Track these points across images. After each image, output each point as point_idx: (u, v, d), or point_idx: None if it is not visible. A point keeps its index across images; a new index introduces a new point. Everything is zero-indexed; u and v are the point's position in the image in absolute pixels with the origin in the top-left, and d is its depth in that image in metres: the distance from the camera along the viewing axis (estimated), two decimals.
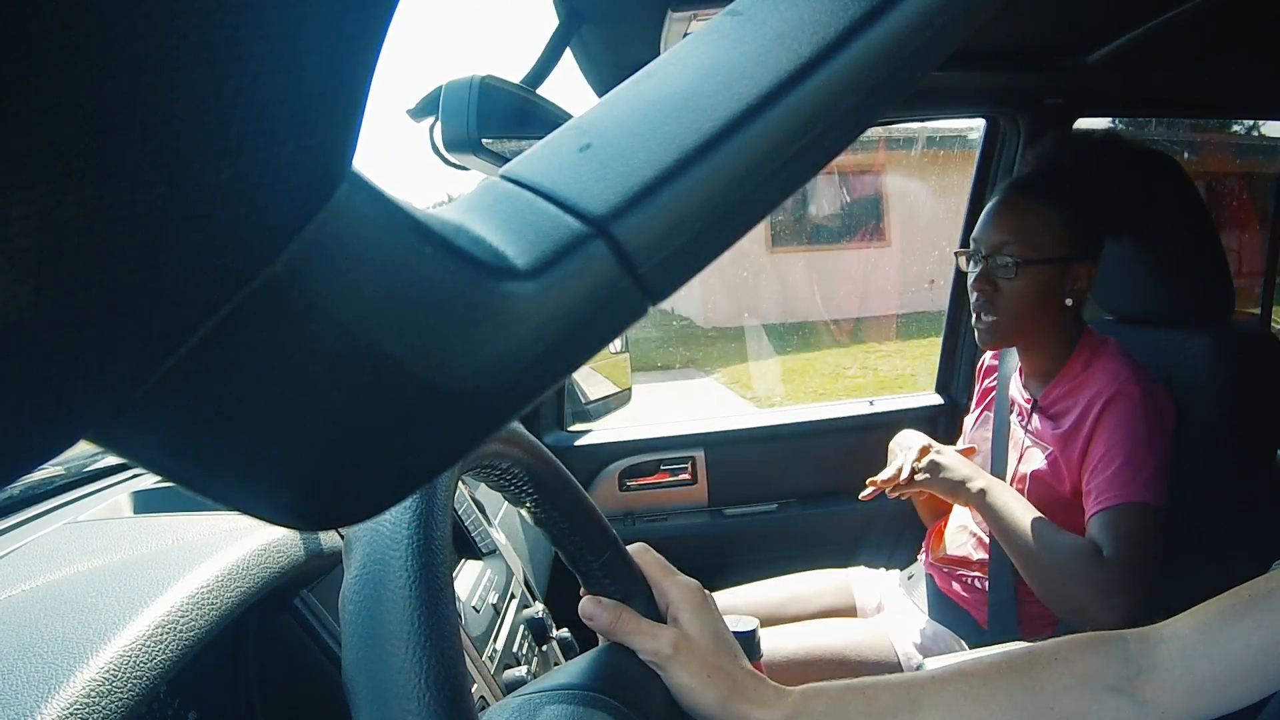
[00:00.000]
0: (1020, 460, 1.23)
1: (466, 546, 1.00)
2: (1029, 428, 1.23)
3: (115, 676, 0.42)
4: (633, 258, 0.17)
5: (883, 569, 1.51)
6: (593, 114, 0.19)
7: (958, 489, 1.16)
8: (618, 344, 1.75)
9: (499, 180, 0.18)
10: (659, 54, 0.20)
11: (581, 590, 0.53)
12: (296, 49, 0.11)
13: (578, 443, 1.70)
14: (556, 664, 0.98)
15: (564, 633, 1.00)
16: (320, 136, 0.13)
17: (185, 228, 0.12)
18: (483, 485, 1.04)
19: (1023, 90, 1.56)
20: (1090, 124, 1.70)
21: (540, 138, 0.18)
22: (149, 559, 0.57)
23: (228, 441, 0.14)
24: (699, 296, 9.38)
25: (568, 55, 1.08)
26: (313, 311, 0.14)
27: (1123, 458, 1.06)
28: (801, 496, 1.75)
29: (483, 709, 0.45)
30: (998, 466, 1.28)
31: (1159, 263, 1.27)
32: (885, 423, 1.64)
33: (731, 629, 0.55)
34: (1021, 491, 1.18)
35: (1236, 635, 0.51)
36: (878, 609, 1.41)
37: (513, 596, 0.99)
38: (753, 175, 0.18)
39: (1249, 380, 1.19)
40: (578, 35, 1.07)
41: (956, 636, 1.25)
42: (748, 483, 1.74)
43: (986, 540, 1.24)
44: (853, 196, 8.52)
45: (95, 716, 0.40)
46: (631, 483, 1.70)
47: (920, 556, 1.41)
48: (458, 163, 0.80)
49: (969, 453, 1.26)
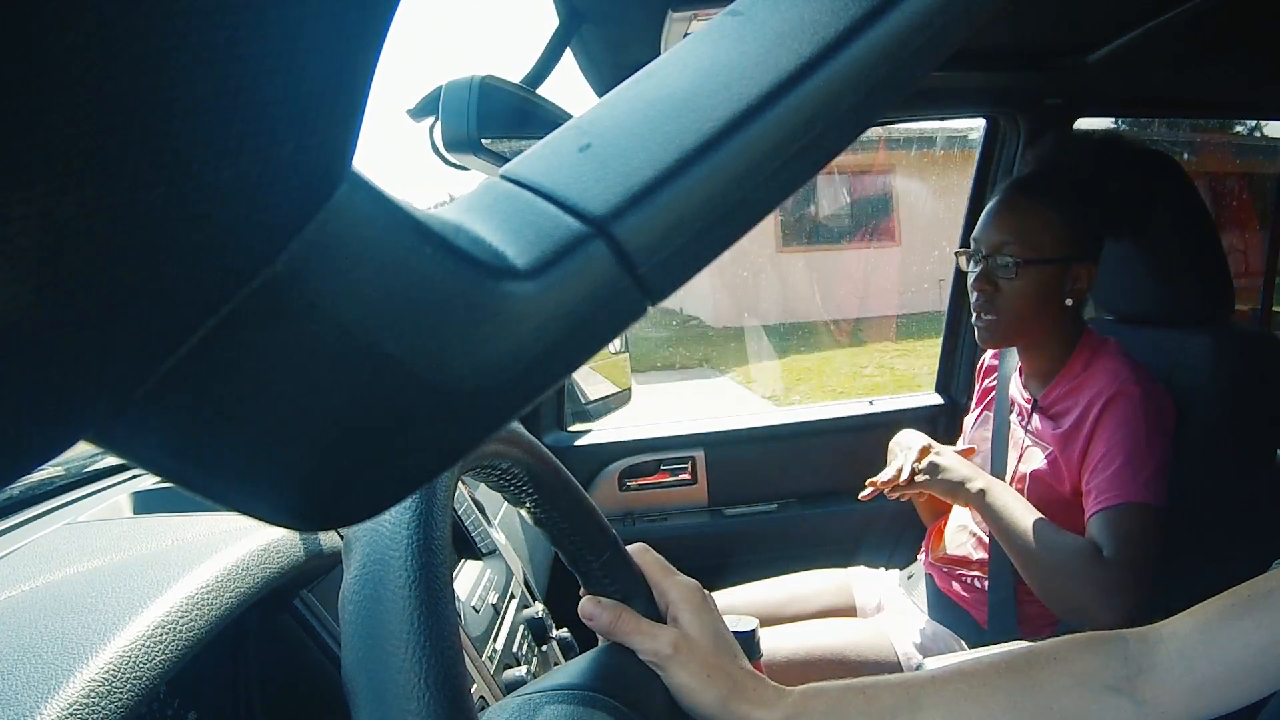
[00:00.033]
0: (1020, 460, 1.23)
1: (466, 546, 1.00)
2: (1029, 427, 1.23)
3: (115, 677, 0.42)
4: (633, 258, 0.17)
5: (883, 569, 1.51)
6: (593, 114, 0.19)
7: (957, 490, 1.16)
8: (617, 344, 1.75)
9: (499, 180, 0.18)
10: (659, 54, 0.20)
11: (581, 590, 0.53)
12: (296, 49, 0.11)
13: (578, 443, 1.70)
14: (556, 664, 0.98)
15: (564, 633, 1.00)
16: (320, 136, 0.13)
17: (185, 228, 0.12)
18: (483, 485, 1.04)
19: (1023, 90, 1.56)
20: (1090, 124, 1.70)
21: (540, 138, 0.18)
22: (149, 559, 0.57)
23: (228, 442, 0.14)
24: (709, 296, 9.36)
25: (568, 55, 1.08)
26: (312, 311, 0.14)
27: (1123, 458, 1.06)
28: (801, 496, 1.75)
29: (483, 709, 0.45)
30: (997, 466, 1.28)
31: (1159, 263, 1.27)
32: (885, 423, 1.64)
33: (731, 629, 0.55)
34: (1021, 491, 1.18)
35: (1236, 635, 0.51)
36: (878, 609, 1.41)
37: (513, 596, 0.99)
38: (753, 175, 0.18)
39: (1249, 380, 1.19)
40: (578, 35, 1.07)
41: (956, 636, 1.25)
42: (748, 483, 1.73)
43: (986, 540, 1.24)
44: (862, 197, 8.52)
45: (95, 717, 0.40)
46: (631, 483, 1.70)
47: (920, 556, 1.41)
48: (458, 163, 0.80)
49: (968, 453, 1.26)
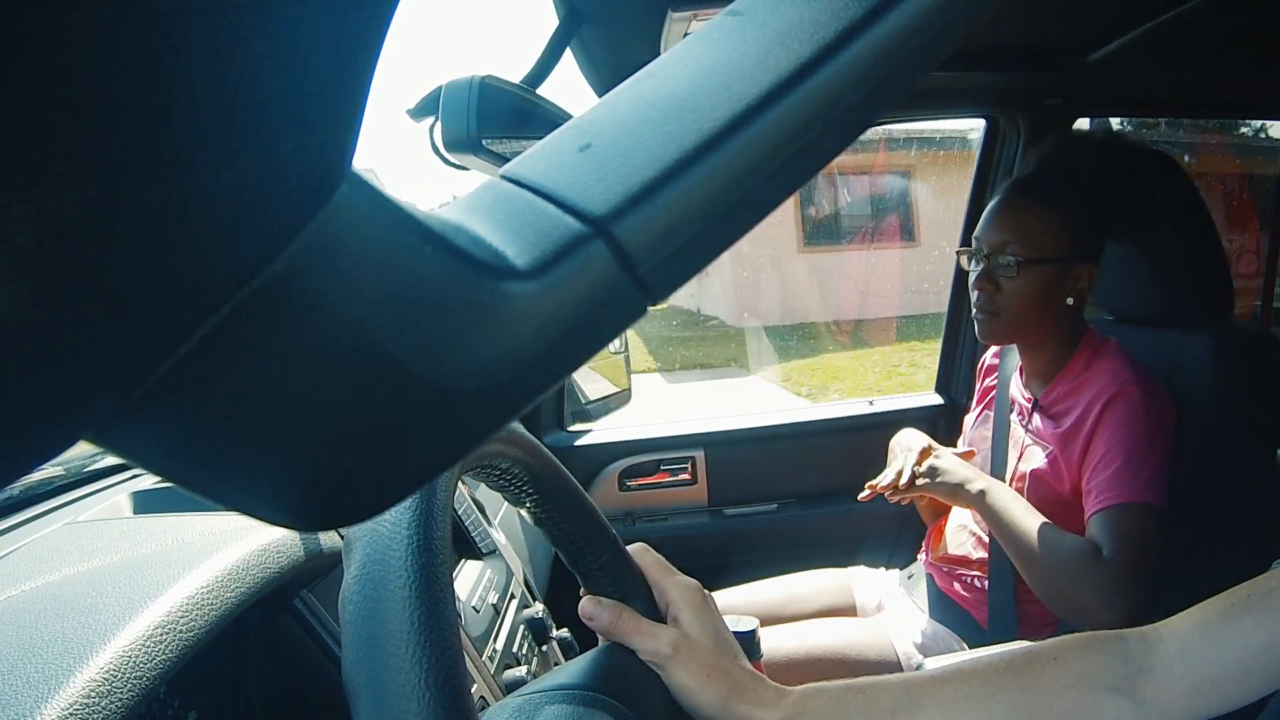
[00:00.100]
0: (1020, 459, 1.23)
1: (466, 546, 1.00)
2: (1029, 427, 1.23)
3: (115, 677, 0.42)
4: (633, 258, 0.17)
5: (883, 568, 1.51)
6: (593, 114, 0.19)
7: (957, 491, 1.16)
8: (617, 344, 1.75)
9: (499, 180, 0.18)
10: (659, 54, 0.20)
11: (581, 590, 0.53)
12: (296, 49, 0.11)
13: (578, 443, 1.70)
14: (556, 664, 0.98)
15: (564, 633, 1.00)
16: (320, 136, 0.13)
17: (185, 228, 0.12)
18: (483, 485, 1.04)
19: (1023, 90, 1.56)
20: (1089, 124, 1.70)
21: (540, 138, 0.18)
22: (149, 559, 0.57)
23: (228, 442, 0.14)
24: (730, 296, 9.33)
25: (568, 55, 1.08)
26: (312, 311, 0.14)
27: (1123, 457, 1.06)
28: (801, 496, 1.75)
29: (483, 709, 0.45)
30: (998, 465, 1.28)
31: (1159, 263, 1.27)
32: (885, 423, 1.64)
33: (731, 629, 0.55)
34: (1021, 490, 1.18)
35: (1236, 635, 0.51)
36: (878, 608, 1.41)
37: (513, 596, 0.99)
38: (753, 175, 0.18)
39: (1249, 381, 1.19)
40: (578, 35, 1.07)
41: (956, 636, 1.25)
42: (748, 483, 1.74)
43: (986, 540, 1.24)
44: (884, 196, 8.51)
45: (95, 717, 0.40)
46: (631, 483, 1.70)
47: (920, 556, 1.41)
48: (458, 163, 0.80)
49: (968, 455, 1.26)
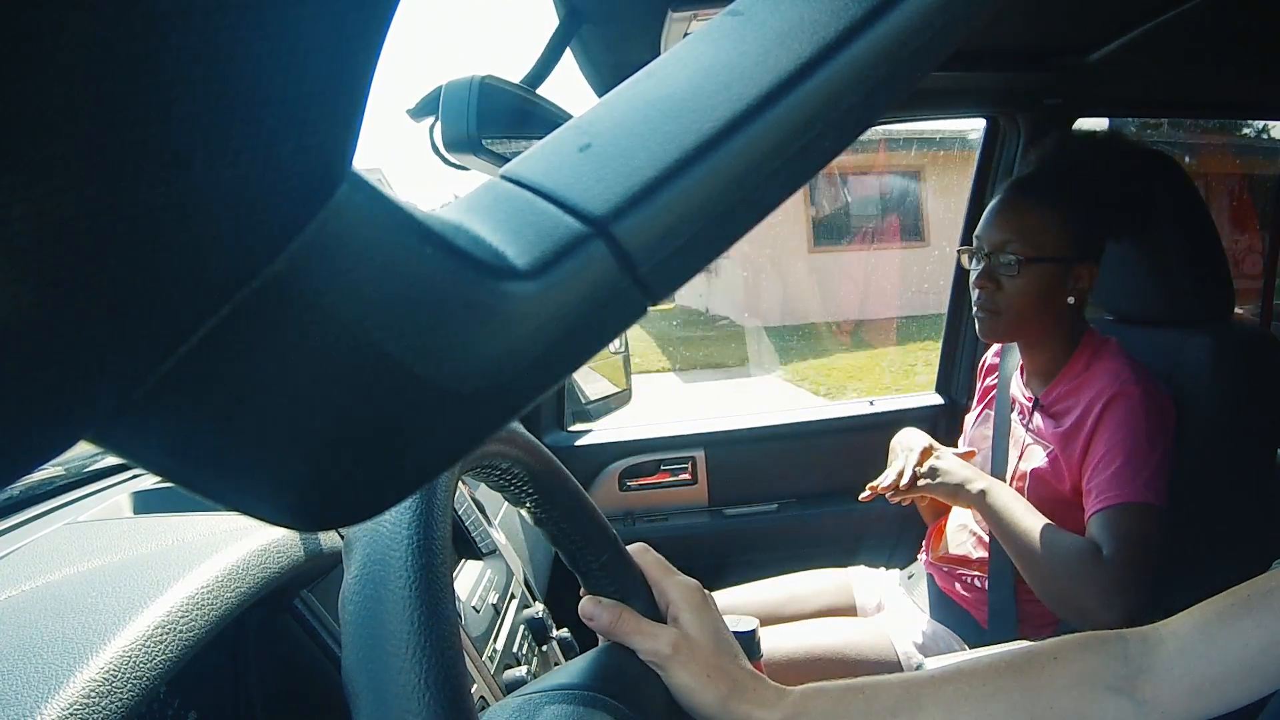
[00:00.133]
0: (1021, 458, 1.23)
1: (466, 546, 1.00)
2: (1030, 426, 1.23)
3: (115, 677, 0.42)
4: (633, 258, 0.17)
5: (883, 568, 1.51)
6: (593, 114, 0.19)
7: (957, 491, 1.16)
8: (617, 343, 1.75)
9: (499, 180, 0.18)
10: (659, 54, 0.20)
11: (581, 590, 0.53)
12: (296, 49, 0.11)
13: (578, 443, 1.70)
14: (556, 664, 0.98)
15: (564, 633, 1.00)
16: (320, 136, 0.13)
17: (185, 228, 0.12)
18: (483, 485, 1.04)
19: (1023, 90, 1.56)
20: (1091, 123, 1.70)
21: (540, 138, 0.18)
22: (149, 559, 0.57)
23: (228, 442, 0.14)
24: (742, 296, 9.31)
25: (568, 55, 1.08)
26: (313, 312, 0.14)
27: (1123, 457, 1.06)
28: (801, 496, 1.75)
29: (483, 709, 0.45)
30: (998, 464, 1.28)
31: (1159, 263, 1.27)
32: (885, 423, 1.64)
33: (731, 629, 0.55)
34: (1021, 490, 1.18)
35: (1236, 635, 0.51)
36: (878, 608, 1.41)
37: (513, 596, 0.99)
38: (753, 175, 0.18)
39: (1249, 380, 1.19)
40: (578, 35, 1.07)
41: (956, 636, 1.25)
42: (748, 483, 1.74)
43: (986, 539, 1.24)
44: (891, 197, 8.51)
45: (95, 717, 0.40)
46: (631, 483, 1.70)
47: (920, 556, 1.41)
48: (458, 163, 0.80)
49: (969, 455, 1.26)
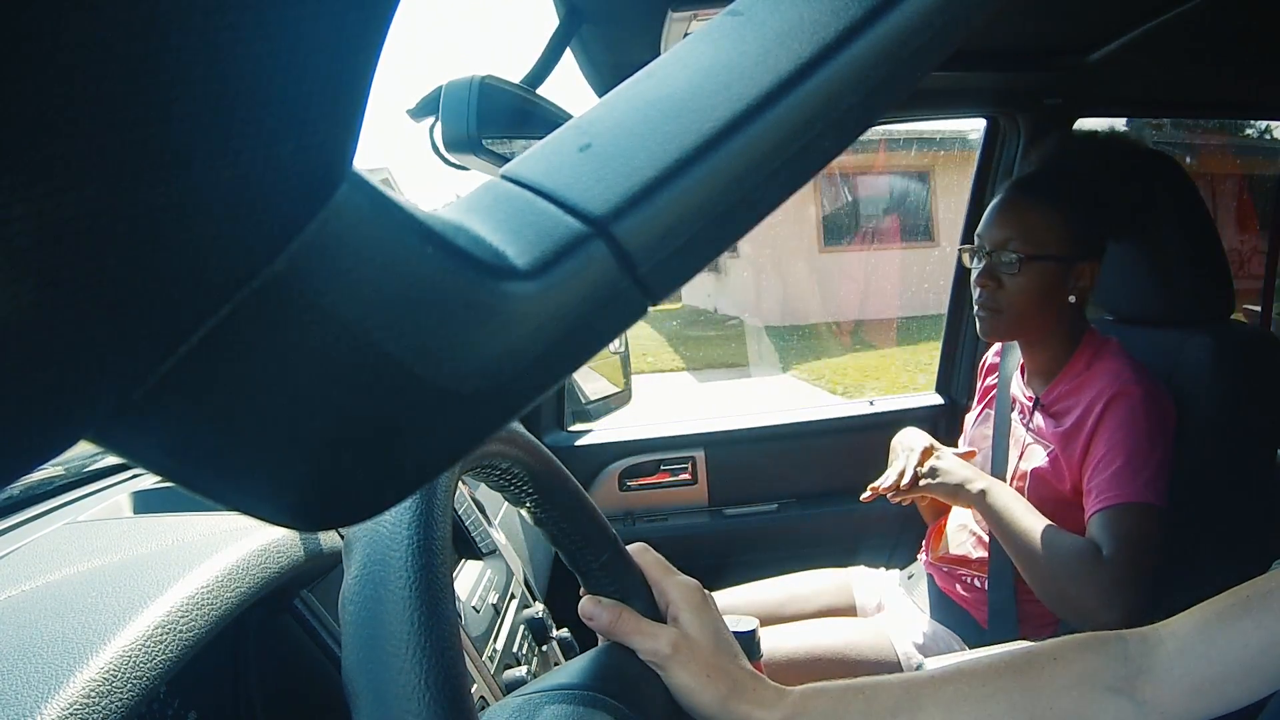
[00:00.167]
0: (1021, 458, 1.23)
1: (466, 546, 1.00)
2: (1030, 425, 1.23)
3: (115, 677, 0.42)
4: (633, 258, 0.17)
5: (883, 569, 1.51)
6: (593, 114, 0.19)
7: (958, 491, 1.16)
8: (617, 343, 1.75)
9: (499, 180, 0.18)
10: (659, 54, 0.20)
11: (581, 590, 0.53)
12: (297, 49, 0.11)
13: (578, 443, 1.70)
14: (556, 664, 0.98)
15: (564, 633, 1.00)
16: (320, 136, 0.13)
17: (185, 228, 0.12)
18: (483, 485, 1.04)
19: (1023, 90, 1.56)
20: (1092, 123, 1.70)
21: (540, 138, 0.18)
22: (149, 559, 0.57)
23: (228, 441, 0.14)
24: (752, 296, 9.30)
25: (568, 55, 1.08)
26: (313, 312, 0.14)
27: (1124, 457, 1.06)
28: (801, 496, 1.75)
29: (483, 709, 0.45)
30: (998, 464, 1.28)
31: (1159, 263, 1.27)
32: (885, 423, 1.64)
33: (731, 629, 0.55)
34: (1022, 489, 1.18)
35: (1235, 636, 0.51)
36: (878, 609, 1.41)
37: (513, 596, 0.99)
38: (753, 175, 0.18)
39: (1250, 380, 1.19)
40: (578, 35, 1.07)
41: (956, 636, 1.25)
42: (748, 483, 1.73)
43: (986, 539, 1.24)
44: (900, 197, 8.50)
45: (95, 716, 0.40)
46: (631, 483, 1.70)
47: (920, 556, 1.41)
48: (458, 163, 0.80)
49: (969, 455, 1.26)
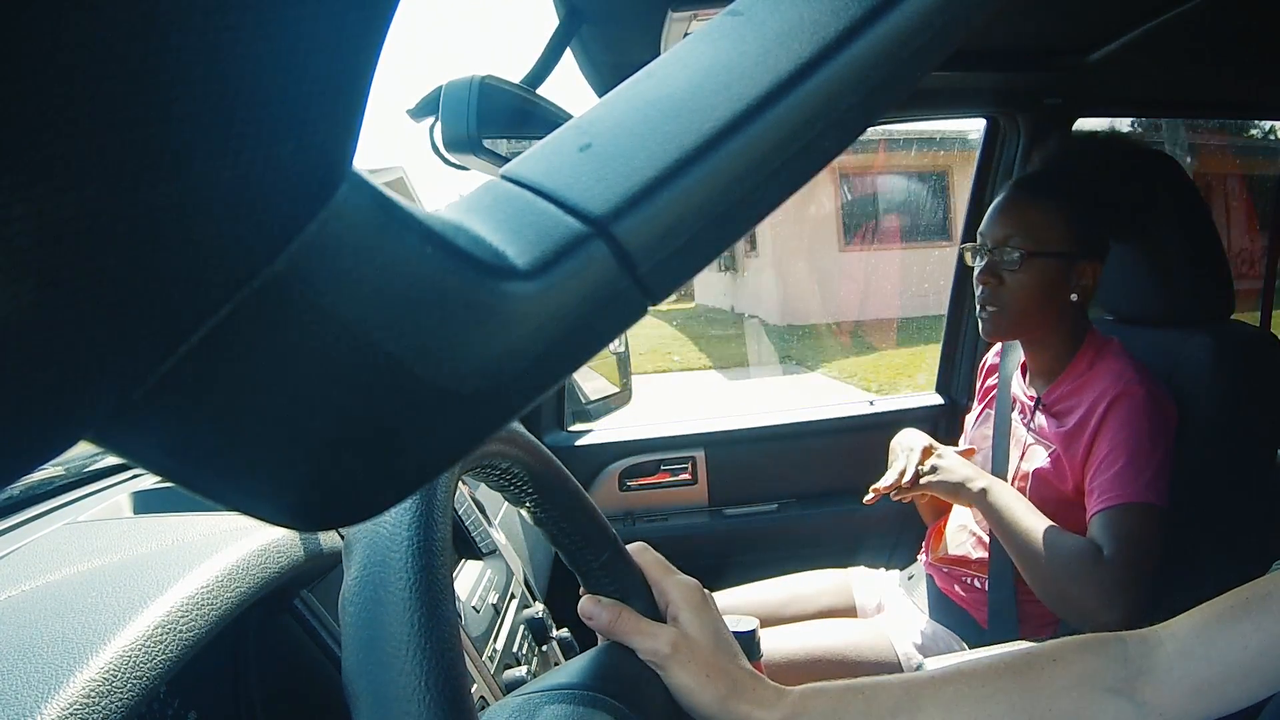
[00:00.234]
0: (1023, 458, 1.23)
1: (466, 546, 1.00)
2: (1032, 425, 1.23)
3: (115, 677, 0.42)
4: (633, 258, 0.17)
5: (883, 569, 1.51)
6: (593, 114, 0.19)
7: (959, 490, 1.16)
8: (618, 343, 1.75)
9: (499, 180, 0.18)
10: (659, 54, 0.20)
11: (581, 590, 0.53)
12: (297, 49, 0.11)
13: (578, 443, 1.70)
14: (556, 664, 0.98)
15: (564, 633, 1.00)
16: (321, 136, 0.13)
17: (186, 228, 0.12)
18: (483, 485, 1.04)
19: (1023, 90, 1.56)
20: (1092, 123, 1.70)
21: (540, 138, 0.18)
22: (149, 559, 0.57)
23: (228, 442, 0.14)
24: (772, 295, 9.29)
25: (568, 55, 1.08)
26: (313, 312, 0.14)
27: (1126, 458, 1.06)
28: (801, 496, 1.75)
29: (483, 709, 0.45)
30: (999, 464, 1.28)
31: (1160, 263, 1.27)
32: (885, 423, 1.64)
33: (731, 629, 0.55)
34: (1023, 490, 1.18)
35: (1235, 637, 0.51)
36: (878, 609, 1.41)
37: (513, 596, 0.99)
38: (753, 175, 0.18)
39: (1250, 380, 1.19)
40: (578, 35, 1.07)
41: (956, 636, 1.25)
42: (748, 483, 1.73)
43: (986, 540, 1.24)
44: (919, 196, 8.50)
45: (95, 716, 0.40)
46: (631, 483, 1.70)
47: (920, 556, 1.41)
48: (458, 163, 0.80)
49: (968, 454, 1.26)
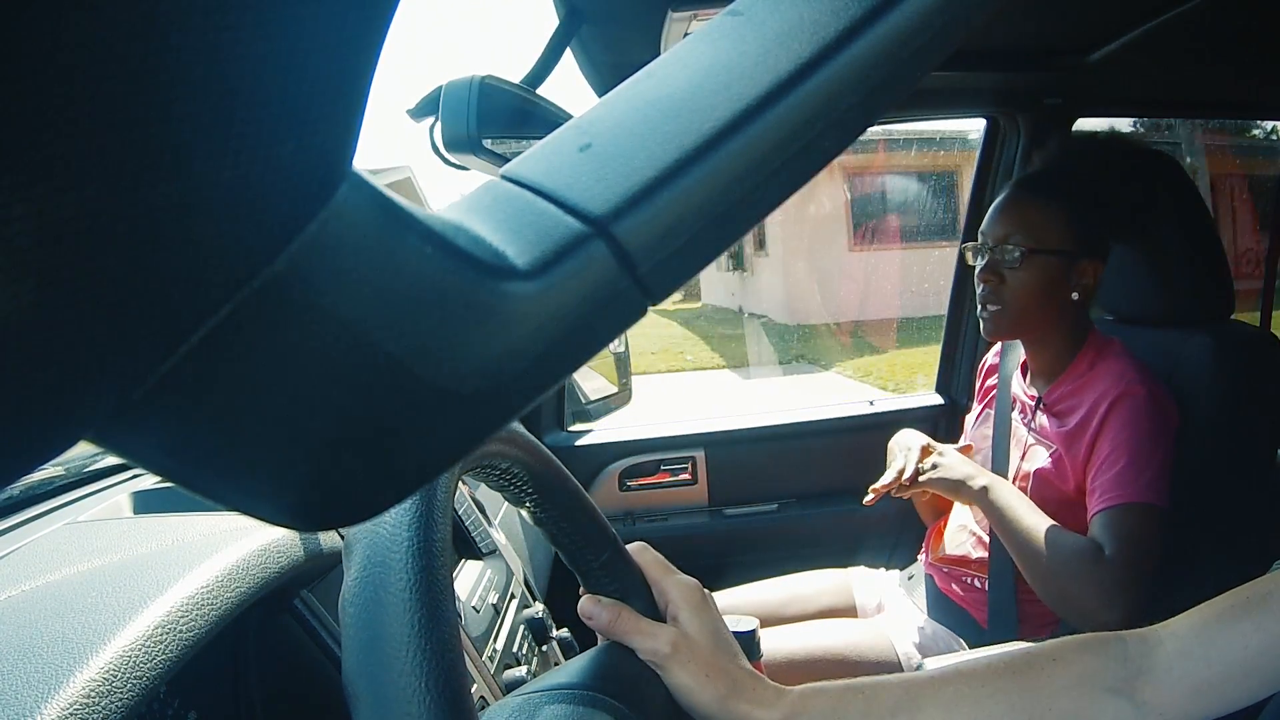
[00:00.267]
0: (1024, 458, 1.23)
1: (466, 546, 1.00)
2: (1033, 425, 1.23)
3: (115, 677, 0.42)
4: (633, 258, 0.17)
5: (883, 569, 1.51)
6: (593, 114, 0.19)
7: (959, 487, 1.16)
8: (617, 343, 1.75)
9: (499, 180, 0.18)
10: (659, 54, 0.20)
11: (581, 590, 0.53)
12: (297, 49, 0.11)
13: (578, 443, 1.70)
14: (556, 664, 0.98)
15: (564, 633, 1.00)
16: (321, 136, 0.13)
17: (186, 228, 0.12)
18: (483, 485, 1.04)
19: (1023, 90, 1.56)
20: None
21: (540, 138, 0.18)
22: (149, 559, 0.57)
23: (228, 442, 0.14)
24: (780, 294, 9.29)
25: (568, 55, 1.08)
26: (313, 312, 0.14)
27: (1127, 458, 1.06)
28: (801, 496, 1.75)
29: (482, 709, 0.45)
30: (999, 464, 1.28)
31: (1160, 263, 1.27)
32: (885, 423, 1.64)
33: (731, 629, 0.55)
34: (1024, 489, 1.18)
35: (1235, 637, 0.51)
36: (878, 609, 1.41)
37: (513, 596, 0.99)
38: (753, 175, 0.18)
39: (1250, 380, 1.19)
40: (578, 35, 1.07)
41: (956, 636, 1.25)
42: (748, 483, 1.73)
43: (986, 540, 1.24)
44: (928, 195, 8.49)
45: (95, 716, 0.40)
46: (631, 483, 1.70)
47: (920, 556, 1.41)
48: (458, 163, 0.80)
49: (966, 450, 1.26)
